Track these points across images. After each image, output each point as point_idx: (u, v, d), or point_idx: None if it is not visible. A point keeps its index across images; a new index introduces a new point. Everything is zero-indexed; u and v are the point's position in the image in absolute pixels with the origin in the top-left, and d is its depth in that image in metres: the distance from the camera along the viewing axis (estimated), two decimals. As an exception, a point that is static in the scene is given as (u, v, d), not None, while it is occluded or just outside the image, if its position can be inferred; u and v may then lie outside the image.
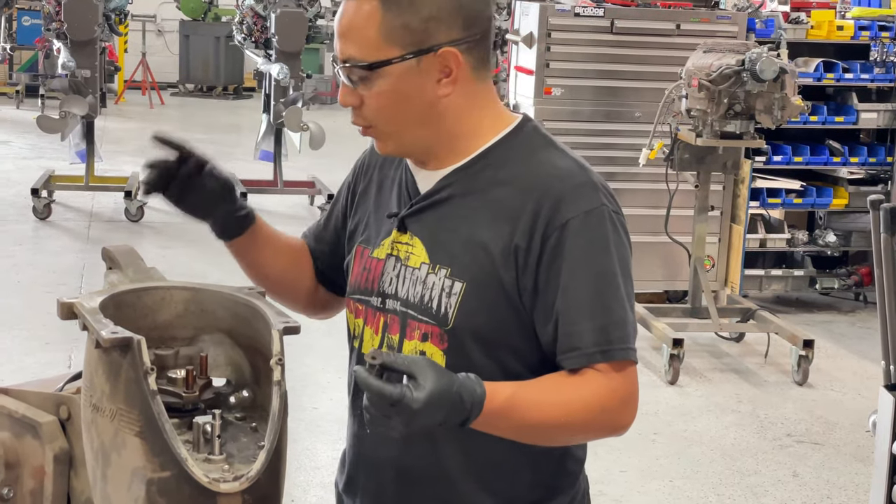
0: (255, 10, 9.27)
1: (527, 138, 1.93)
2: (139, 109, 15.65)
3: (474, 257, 1.86)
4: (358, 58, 1.83)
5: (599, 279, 1.82)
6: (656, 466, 4.91)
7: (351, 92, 1.86)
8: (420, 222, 1.93)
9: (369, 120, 1.88)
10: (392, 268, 1.94)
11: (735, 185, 6.48)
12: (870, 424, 2.63)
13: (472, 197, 1.90)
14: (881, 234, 2.49)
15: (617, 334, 1.81)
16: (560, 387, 1.81)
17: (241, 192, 9.02)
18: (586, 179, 1.87)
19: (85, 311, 1.74)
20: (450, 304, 1.86)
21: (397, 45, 1.82)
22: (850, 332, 7.05)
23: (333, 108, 16.67)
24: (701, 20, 6.79)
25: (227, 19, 17.34)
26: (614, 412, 1.81)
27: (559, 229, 1.82)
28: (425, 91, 1.85)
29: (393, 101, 1.85)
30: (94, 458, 1.71)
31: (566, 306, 1.81)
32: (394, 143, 1.91)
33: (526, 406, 1.77)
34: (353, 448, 2.04)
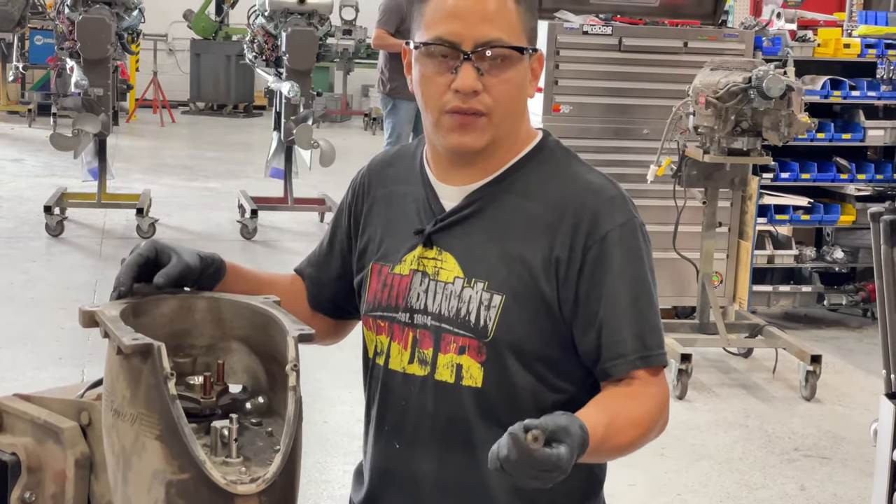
0: (266, 28, 9.34)
1: (551, 153, 2.01)
2: (150, 128, 15.75)
3: (512, 270, 1.91)
4: (508, 41, 1.89)
5: (636, 288, 1.91)
6: (665, 480, 4.94)
7: (477, 77, 1.89)
8: (449, 237, 1.97)
9: (489, 107, 1.90)
10: (419, 283, 1.97)
11: (743, 202, 6.52)
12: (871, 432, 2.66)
13: (503, 211, 1.95)
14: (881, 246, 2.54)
15: (653, 340, 1.90)
16: (628, 406, 1.85)
17: (253, 208, 9.08)
18: (617, 193, 1.95)
19: (106, 319, 1.79)
20: (489, 317, 1.90)
21: (526, 38, 1.93)
22: (858, 347, 7.08)
23: (343, 126, 16.78)
24: (708, 38, 6.84)
25: (238, 38, 17.45)
26: (661, 417, 1.89)
27: (599, 241, 1.89)
28: (527, 87, 1.96)
29: (515, 91, 1.93)
30: (115, 462, 1.76)
31: (609, 314, 1.88)
32: (490, 136, 1.93)
33: (615, 432, 1.78)
34: (379, 463, 2.05)
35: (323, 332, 2.16)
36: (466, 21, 1.88)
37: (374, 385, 2.06)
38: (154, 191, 9.92)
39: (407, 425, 1.99)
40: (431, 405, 1.96)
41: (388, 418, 2.02)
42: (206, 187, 11.42)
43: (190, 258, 1.93)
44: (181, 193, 10.96)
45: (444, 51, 1.89)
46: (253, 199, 9.38)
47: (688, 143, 6.13)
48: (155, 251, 1.92)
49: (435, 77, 1.91)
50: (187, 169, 12.50)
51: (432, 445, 1.97)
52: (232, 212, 9.85)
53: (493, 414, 1.92)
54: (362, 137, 15.56)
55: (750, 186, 6.48)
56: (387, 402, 2.03)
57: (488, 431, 1.92)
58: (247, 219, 9.14)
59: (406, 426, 2.00)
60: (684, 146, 6.12)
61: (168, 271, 1.90)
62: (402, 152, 2.14)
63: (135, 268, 1.90)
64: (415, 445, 1.99)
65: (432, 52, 1.91)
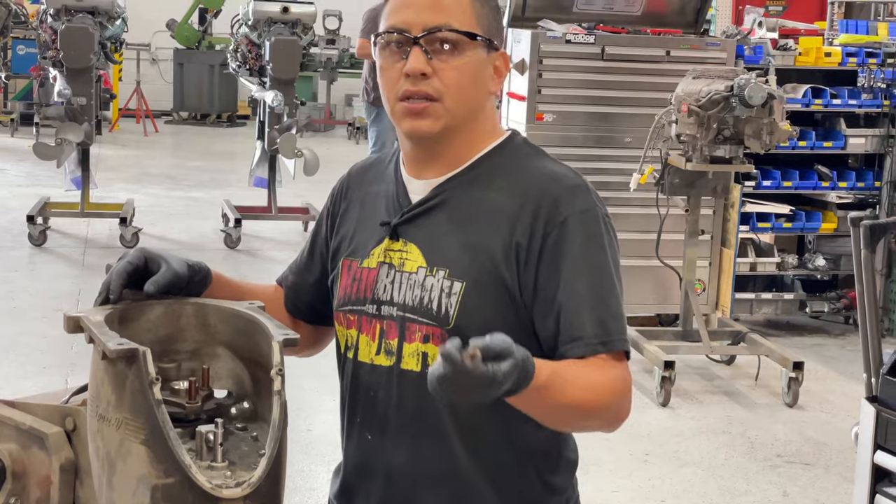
0: (250, 38, 9.35)
1: (517, 148, 2.04)
2: (134, 137, 15.72)
3: (473, 258, 1.93)
4: (457, 27, 1.93)
5: (597, 274, 1.91)
6: (648, 487, 4.95)
7: (426, 61, 1.93)
8: (415, 228, 2.00)
9: (438, 91, 1.93)
10: (386, 275, 2.00)
11: (725, 210, 6.55)
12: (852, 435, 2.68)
13: (467, 202, 1.98)
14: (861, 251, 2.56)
15: (614, 326, 1.89)
16: (581, 370, 1.85)
17: (237, 217, 9.08)
18: (580, 182, 1.97)
19: (91, 325, 1.79)
20: (450, 304, 1.92)
21: (482, 29, 1.97)
22: (840, 354, 7.11)
23: (326, 136, 16.77)
24: (690, 47, 6.87)
25: (221, 48, 17.42)
26: (619, 401, 1.88)
27: (559, 226, 1.91)
28: (486, 81, 1.99)
29: (468, 79, 1.96)
30: (101, 467, 1.77)
31: (567, 299, 1.88)
32: (443, 122, 1.96)
33: (563, 382, 1.79)
34: (353, 456, 2.07)
35: (303, 340, 2.14)
36: (417, 9, 1.95)
37: (345, 379, 2.08)
38: (137, 200, 9.92)
39: (377, 416, 2.01)
40: (399, 395, 1.98)
41: (359, 410, 2.05)
42: (189, 196, 11.41)
43: (179, 266, 1.94)
44: (165, 203, 10.95)
45: (397, 38, 1.95)
46: (237, 209, 9.38)
47: (670, 152, 6.16)
48: (144, 259, 1.93)
49: (390, 66, 1.96)
50: (170, 178, 12.49)
51: (403, 435, 1.99)
52: (216, 221, 9.84)
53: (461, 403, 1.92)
54: (346, 147, 15.56)
55: (732, 194, 6.52)
56: (357, 394, 2.05)
57: (457, 419, 1.95)
58: (231, 228, 9.14)
59: (376, 417, 2.01)
60: (667, 154, 6.15)
61: (158, 279, 1.91)
62: (381, 157, 2.19)
63: (124, 275, 1.91)
64: (386, 436, 2.00)
65: (387, 42, 1.96)
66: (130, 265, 1.93)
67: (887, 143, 7.32)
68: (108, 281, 1.93)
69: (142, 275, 1.93)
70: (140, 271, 1.93)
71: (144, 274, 1.93)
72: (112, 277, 1.92)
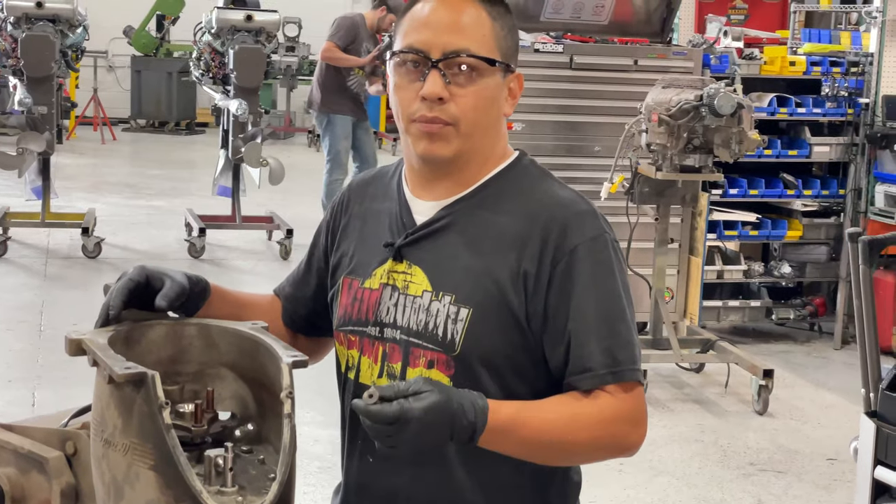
0: (213, 46, 9.28)
1: (525, 170, 2.02)
2: (91, 145, 15.58)
3: (479, 284, 1.91)
4: (476, 52, 1.91)
5: (607, 302, 1.89)
6: (624, 497, 4.96)
7: (444, 85, 1.91)
8: (420, 251, 1.97)
9: (454, 116, 1.91)
10: (389, 297, 1.98)
11: (693, 218, 6.58)
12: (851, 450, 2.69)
13: (473, 226, 1.96)
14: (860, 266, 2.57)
15: (624, 356, 1.87)
16: (567, 404, 1.86)
17: (200, 227, 9.01)
18: (588, 208, 1.96)
19: (95, 347, 1.76)
20: (456, 331, 1.90)
21: (500, 53, 1.94)
22: (807, 361, 7.16)
23: (287, 143, 16.72)
24: (657, 56, 6.90)
25: (180, 55, 17.33)
26: (623, 431, 1.87)
27: (568, 255, 1.89)
28: (500, 104, 1.97)
29: (484, 105, 1.93)
30: (106, 492, 1.74)
31: (577, 328, 1.87)
32: (456, 147, 1.94)
33: (533, 420, 1.82)
34: (354, 478, 2.06)
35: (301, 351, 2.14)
36: (437, 30, 1.92)
37: (346, 399, 2.06)
38: (97, 210, 9.81)
39: None
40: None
41: (360, 433, 2.02)
42: (150, 205, 11.32)
43: (181, 279, 1.93)
44: (125, 212, 10.85)
45: (414, 58, 1.93)
46: (200, 218, 9.30)
47: (640, 160, 6.17)
48: (145, 276, 1.91)
49: (406, 85, 1.94)
50: (130, 187, 12.38)
51: (403, 460, 1.96)
52: (179, 230, 9.77)
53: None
54: (306, 154, 15.50)
55: (700, 203, 6.54)
56: (358, 416, 2.02)
57: (461, 447, 1.92)
58: (194, 237, 9.07)
59: None
60: (637, 163, 6.17)
61: (168, 293, 1.89)
62: (382, 171, 2.17)
63: (125, 292, 1.88)
64: (388, 460, 1.98)
65: (403, 61, 1.94)
66: (132, 282, 1.90)
67: (851, 152, 7.37)
68: (108, 300, 1.89)
69: (143, 292, 1.91)
70: (141, 288, 1.91)
71: (146, 292, 1.91)
72: (113, 296, 1.90)
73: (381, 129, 16.44)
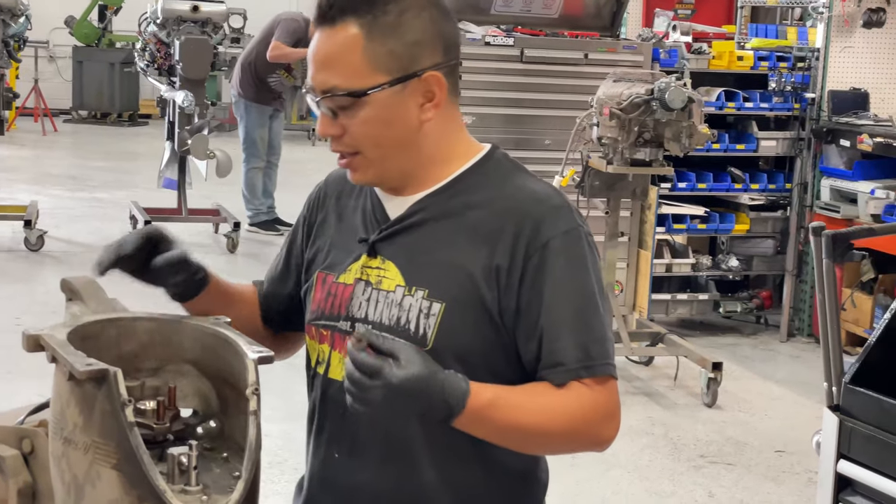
0: (159, 36, 9.17)
1: (498, 164, 1.98)
2: (32, 137, 15.36)
3: (453, 279, 1.88)
4: (343, 87, 1.84)
5: (580, 297, 1.87)
6: (577, 490, 4.96)
7: (331, 122, 1.88)
8: (393, 246, 1.95)
9: (352, 146, 1.89)
10: (362, 292, 1.95)
11: (642, 212, 6.60)
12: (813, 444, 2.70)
13: (447, 221, 1.93)
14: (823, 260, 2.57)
15: (598, 350, 1.86)
16: (545, 393, 1.85)
17: (146, 220, 8.92)
18: (562, 202, 1.92)
19: (54, 344, 1.72)
20: (429, 325, 1.88)
21: (382, 71, 1.85)
22: (754, 354, 7.21)
23: (232, 136, 16.50)
24: (608, 50, 6.92)
25: (122, 45, 17.12)
26: (597, 424, 1.86)
27: (541, 249, 1.86)
28: (410, 116, 1.88)
29: (379, 128, 1.87)
30: (66, 492, 1.70)
31: (549, 323, 1.85)
32: (374, 171, 1.92)
33: (511, 407, 1.81)
34: (318, 472, 2.03)
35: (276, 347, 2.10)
36: (314, 67, 1.88)
37: (314, 394, 2.04)
38: (40, 202, 9.66)
39: (345, 435, 1.97)
40: (370, 416, 1.92)
41: (327, 427, 2.00)
42: (94, 198, 11.17)
43: (186, 255, 1.98)
44: (69, 204, 10.71)
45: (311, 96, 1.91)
46: (145, 210, 9.20)
47: (591, 154, 6.18)
48: (160, 235, 1.97)
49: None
50: (73, 179, 12.22)
51: (370, 456, 1.94)
52: (123, 223, 9.64)
53: (433, 425, 1.87)
54: (251, 147, 15.37)
55: (649, 196, 6.57)
56: (326, 410, 2.00)
57: (427, 444, 1.91)
58: (139, 230, 8.94)
59: (344, 436, 1.97)
60: (588, 157, 6.17)
61: (168, 257, 1.95)
62: None
63: (144, 236, 1.93)
64: (353, 455, 1.96)
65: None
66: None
67: (797, 146, 7.43)
68: (124, 238, 1.93)
69: (152, 249, 1.96)
70: (153, 243, 1.96)
71: (154, 250, 1.96)
72: (131, 236, 1.93)
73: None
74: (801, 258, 7.47)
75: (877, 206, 6.74)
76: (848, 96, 7.30)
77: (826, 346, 2.65)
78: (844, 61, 7.35)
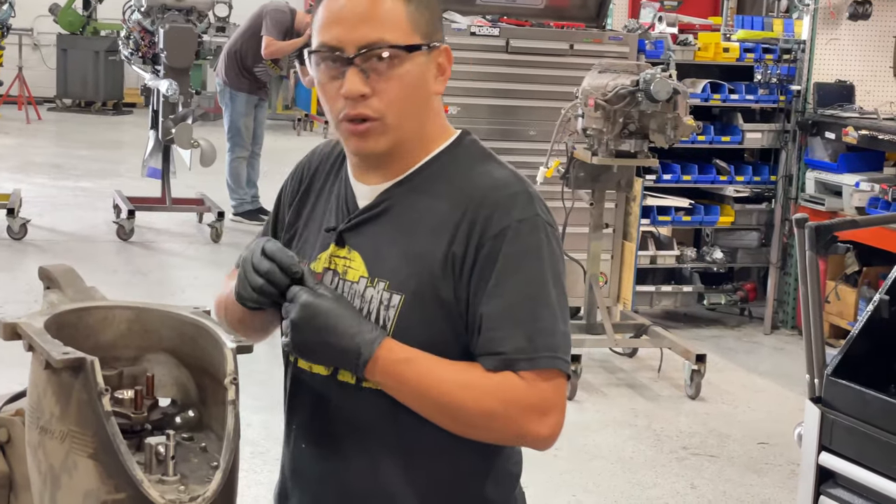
0: (143, 24, 9.13)
1: (465, 151, 1.96)
2: (16, 125, 15.28)
3: (413, 270, 1.87)
4: (391, 41, 1.84)
5: (529, 287, 1.83)
6: (559, 481, 4.96)
7: (364, 81, 1.84)
8: (359, 236, 1.93)
9: (378, 111, 1.85)
10: (329, 282, 1.94)
11: (627, 203, 6.59)
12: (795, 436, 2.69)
13: (412, 209, 1.91)
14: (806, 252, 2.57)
15: (543, 342, 1.81)
16: (469, 371, 1.82)
17: (130, 209, 8.88)
18: (521, 189, 1.89)
19: (31, 332, 1.70)
20: (388, 317, 1.86)
21: (419, 34, 1.87)
22: (738, 346, 7.22)
23: (216, 125, 16.45)
24: (593, 41, 6.90)
25: (107, 33, 17.03)
26: (525, 417, 1.81)
27: (492, 238, 1.84)
28: (429, 85, 1.90)
29: (409, 90, 1.86)
30: (42, 482, 1.68)
31: (491, 311, 1.82)
32: (387, 140, 1.88)
33: (427, 371, 1.81)
34: (289, 462, 2.03)
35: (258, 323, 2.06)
36: (348, 25, 1.84)
37: (286, 383, 2.03)
38: (24, 190, 9.61)
39: (312, 426, 1.96)
40: (334, 406, 1.93)
41: (296, 418, 2.00)
42: (78, 187, 11.12)
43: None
44: (52, 193, 10.66)
45: (331, 56, 1.86)
46: (129, 199, 9.16)
47: (576, 145, 6.17)
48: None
49: (328, 84, 1.88)
50: (57, 168, 12.16)
51: (335, 447, 1.93)
52: (106, 212, 9.61)
53: (394, 417, 1.88)
54: (236, 136, 15.31)
55: (634, 188, 6.56)
56: (295, 400, 2.00)
57: (389, 435, 1.90)
58: (123, 219, 8.92)
59: (312, 427, 1.97)
60: (573, 148, 6.16)
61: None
62: (339, 147, 2.08)
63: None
64: (319, 446, 1.95)
65: (321, 59, 1.88)
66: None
67: (782, 138, 7.44)
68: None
69: None
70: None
71: None
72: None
73: (312, 111, 16.32)
74: (785, 251, 7.48)
75: (861, 198, 6.74)
76: (833, 89, 7.30)
77: (808, 338, 2.64)
78: (830, 54, 7.35)
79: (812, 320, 2.61)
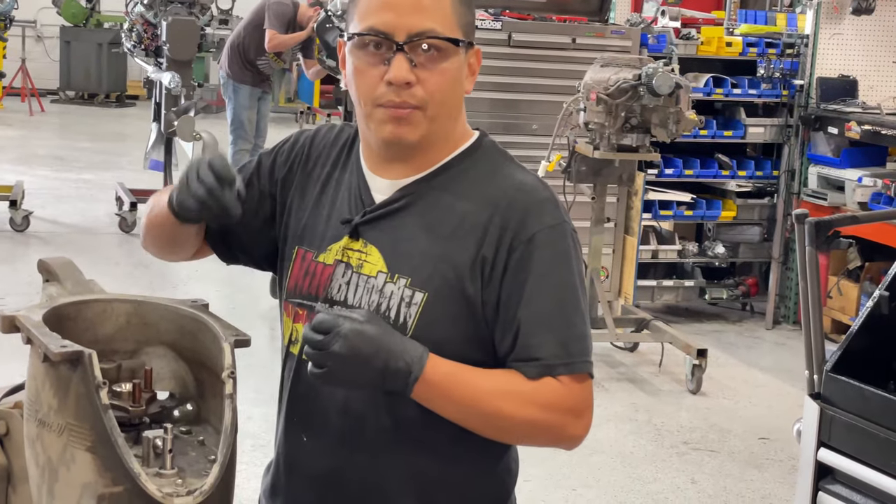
0: (146, 17, 9.12)
1: (486, 153, 1.97)
2: (19, 116, 15.29)
3: (437, 269, 1.87)
4: (441, 32, 1.85)
5: (562, 293, 1.86)
6: (559, 476, 4.96)
7: (410, 69, 1.85)
8: (377, 231, 1.92)
9: (421, 100, 1.86)
10: (342, 274, 1.93)
11: (628, 198, 6.59)
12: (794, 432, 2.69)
13: (433, 208, 1.91)
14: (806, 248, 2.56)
15: (577, 347, 1.84)
16: (508, 379, 1.84)
17: (132, 201, 8.88)
18: (549, 195, 1.91)
19: (29, 325, 1.71)
20: (410, 314, 1.86)
21: (461, 31, 1.89)
22: (739, 341, 7.22)
23: (219, 118, 16.48)
24: (596, 35, 6.90)
25: (110, 25, 17.03)
26: (564, 420, 1.84)
27: (525, 243, 1.85)
28: (463, 82, 1.93)
29: (450, 83, 1.88)
30: (40, 474, 1.69)
31: (528, 317, 1.83)
32: (423, 130, 1.88)
33: (471, 384, 1.81)
34: (286, 454, 2.01)
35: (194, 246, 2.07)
36: (399, 11, 1.85)
37: (286, 374, 2.02)
38: (26, 182, 9.61)
39: (315, 419, 1.95)
40: (340, 401, 1.91)
41: (297, 410, 1.99)
42: (80, 179, 11.13)
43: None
44: (55, 185, 10.66)
45: (377, 41, 1.86)
46: (131, 192, 9.16)
47: (578, 139, 6.17)
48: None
49: (368, 69, 1.87)
50: (59, 160, 12.17)
51: (337, 442, 1.93)
52: (109, 204, 9.62)
53: (404, 416, 1.88)
54: (239, 129, 15.30)
55: (636, 182, 6.56)
56: (297, 392, 1.98)
57: (396, 434, 1.89)
58: (125, 212, 8.93)
59: (314, 419, 1.95)
60: (574, 142, 6.16)
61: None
62: (345, 134, 2.07)
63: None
64: (321, 440, 1.94)
65: (365, 43, 1.87)
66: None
67: (785, 133, 7.43)
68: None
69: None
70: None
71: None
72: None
73: (315, 104, 16.31)
74: (787, 245, 7.47)
75: (864, 193, 6.74)
76: (836, 83, 7.29)
77: (808, 333, 2.64)
78: (833, 48, 7.35)
79: (811, 316, 2.61)
